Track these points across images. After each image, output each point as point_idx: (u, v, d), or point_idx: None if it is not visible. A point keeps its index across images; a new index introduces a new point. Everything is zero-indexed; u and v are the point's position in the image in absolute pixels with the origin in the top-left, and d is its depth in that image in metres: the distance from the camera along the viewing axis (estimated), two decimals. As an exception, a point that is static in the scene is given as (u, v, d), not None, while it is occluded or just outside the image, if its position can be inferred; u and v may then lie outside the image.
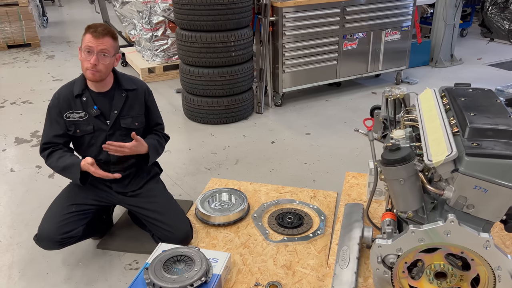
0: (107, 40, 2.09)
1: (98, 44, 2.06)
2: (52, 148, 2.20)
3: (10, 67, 6.05)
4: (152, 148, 2.29)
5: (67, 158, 2.16)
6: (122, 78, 2.27)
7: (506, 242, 2.24)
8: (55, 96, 2.22)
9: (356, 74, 4.65)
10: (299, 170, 3.15)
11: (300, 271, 2.13)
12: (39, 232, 2.12)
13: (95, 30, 2.07)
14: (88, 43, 2.06)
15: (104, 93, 2.22)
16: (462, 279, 1.68)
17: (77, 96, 2.19)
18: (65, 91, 2.22)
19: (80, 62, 2.14)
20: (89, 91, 2.20)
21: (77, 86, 2.20)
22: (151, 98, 2.38)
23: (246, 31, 3.83)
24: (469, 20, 6.76)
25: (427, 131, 1.79)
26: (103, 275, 2.20)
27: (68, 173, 2.17)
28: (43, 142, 2.22)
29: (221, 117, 3.94)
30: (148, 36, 5.33)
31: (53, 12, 10.21)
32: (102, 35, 2.07)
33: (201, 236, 2.40)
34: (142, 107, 2.31)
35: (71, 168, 2.14)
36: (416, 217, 1.70)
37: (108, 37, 2.09)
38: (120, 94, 2.24)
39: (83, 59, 2.10)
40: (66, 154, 2.19)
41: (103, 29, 2.09)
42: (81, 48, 2.11)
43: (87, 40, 2.07)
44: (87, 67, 2.09)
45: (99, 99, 2.21)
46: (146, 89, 2.35)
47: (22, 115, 4.31)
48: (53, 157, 2.18)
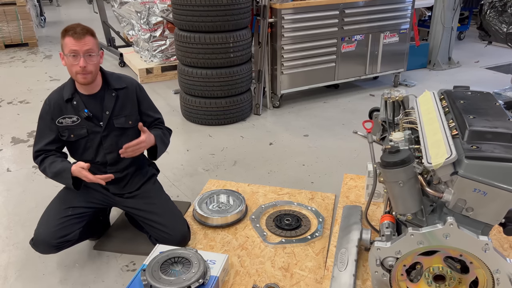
0: (88, 39, 2.03)
1: (81, 45, 2.00)
2: (45, 154, 2.17)
3: (7, 66, 6.03)
4: (159, 139, 2.26)
5: (58, 163, 2.13)
6: (110, 78, 2.23)
7: (504, 245, 2.24)
8: (46, 103, 2.19)
9: (354, 76, 4.66)
10: (297, 172, 3.15)
11: (298, 273, 2.12)
12: (35, 236, 2.10)
13: (74, 31, 2.01)
14: (72, 47, 2.00)
15: (94, 95, 2.18)
16: (460, 282, 1.68)
17: (67, 101, 2.15)
18: (55, 97, 2.18)
19: (67, 68, 2.08)
20: (79, 94, 2.16)
21: (67, 91, 2.16)
22: (143, 93, 2.33)
23: (244, 32, 3.82)
24: (467, 23, 6.79)
25: (426, 134, 1.79)
26: (99, 276, 2.19)
27: (60, 178, 2.13)
28: (36, 150, 2.18)
29: (219, 118, 3.93)
30: (146, 36, 5.32)
31: (51, 12, 10.19)
32: (82, 35, 2.01)
33: (198, 237, 2.39)
34: (134, 105, 2.27)
35: (62, 173, 2.10)
36: (415, 219, 1.69)
37: (88, 36, 2.04)
38: (110, 94, 2.20)
39: (70, 64, 2.04)
40: (57, 160, 2.15)
41: (81, 28, 2.03)
42: (63, 53, 2.06)
43: (69, 44, 2.01)
44: (77, 71, 2.04)
45: (89, 101, 2.17)
46: (137, 85, 2.30)
47: (19, 114, 4.29)
48: (45, 163, 2.15)
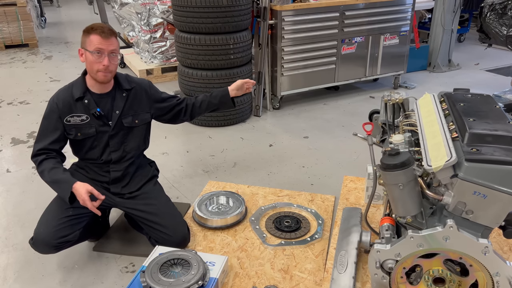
0: (114, 40, 2.09)
1: (108, 45, 2.05)
2: (46, 155, 2.15)
3: (8, 67, 6.03)
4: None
5: (60, 173, 2.10)
6: (121, 78, 2.27)
7: (503, 248, 2.23)
8: (53, 101, 2.18)
9: (354, 78, 4.66)
10: (297, 174, 3.15)
11: (297, 275, 2.12)
12: (35, 236, 2.10)
13: (102, 31, 2.05)
14: (99, 45, 2.04)
15: (105, 94, 2.21)
16: (460, 285, 1.68)
17: (78, 99, 2.16)
18: (63, 95, 2.18)
19: (87, 64, 2.10)
20: (90, 93, 2.18)
21: (77, 89, 2.17)
22: (153, 91, 2.38)
23: (245, 34, 3.83)
24: (467, 26, 6.80)
25: (426, 136, 1.79)
26: (99, 278, 2.18)
27: (58, 187, 2.10)
28: (38, 148, 2.16)
29: (219, 119, 3.93)
30: (146, 37, 5.32)
31: (51, 13, 10.20)
32: (110, 35, 2.06)
33: (198, 239, 2.39)
34: (141, 104, 2.31)
35: (62, 184, 2.07)
36: (415, 222, 1.69)
37: (114, 37, 2.10)
38: (121, 94, 2.24)
39: (93, 61, 2.06)
40: (59, 167, 2.13)
41: (108, 29, 2.08)
42: (85, 49, 2.07)
43: (96, 41, 2.04)
44: (98, 69, 2.07)
45: (100, 100, 2.20)
46: (146, 84, 2.36)
47: (19, 115, 4.29)
48: (46, 166, 2.12)
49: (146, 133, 2.40)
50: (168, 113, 2.45)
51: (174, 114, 2.46)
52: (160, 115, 2.44)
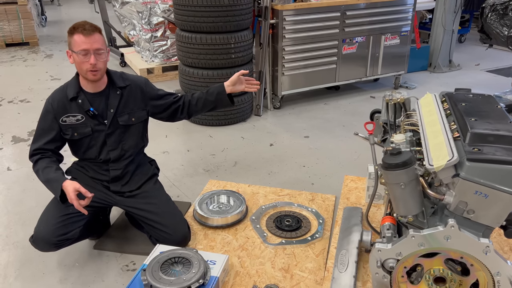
0: (97, 36, 2.05)
1: (92, 43, 2.02)
2: (41, 155, 2.16)
3: (8, 65, 6.03)
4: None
5: (52, 172, 2.10)
6: (115, 76, 2.24)
7: (504, 248, 2.24)
8: (49, 102, 2.18)
9: (355, 78, 4.66)
10: (298, 173, 3.15)
11: (298, 274, 2.12)
12: (35, 234, 2.10)
13: (84, 28, 2.02)
14: (83, 45, 2.01)
15: (99, 93, 2.20)
16: (461, 284, 1.68)
17: (72, 99, 2.16)
18: (58, 96, 2.18)
19: (76, 65, 2.08)
20: (84, 92, 2.17)
21: (71, 89, 2.17)
22: (149, 88, 2.34)
23: (246, 33, 3.83)
24: (468, 26, 6.80)
25: (428, 136, 1.79)
26: (99, 276, 2.19)
27: (50, 186, 2.10)
28: (34, 148, 2.17)
29: (219, 118, 3.93)
30: (147, 36, 5.32)
31: (52, 11, 10.20)
32: (92, 31, 2.03)
33: (199, 238, 2.39)
34: (136, 101, 2.29)
35: (53, 183, 2.08)
36: (416, 221, 1.69)
37: (97, 33, 2.06)
38: (115, 92, 2.22)
39: (80, 62, 2.04)
40: (52, 166, 2.12)
41: (90, 25, 2.05)
42: (72, 51, 2.06)
43: (79, 41, 2.01)
44: (87, 69, 2.05)
45: (94, 99, 2.19)
46: (141, 82, 2.32)
47: (19, 114, 4.29)
48: (40, 165, 2.12)
49: (143, 130, 2.39)
50: (164, 111, 2.41)
51: (171, 112, 2.42)
52: (156, 112, 2.40)
